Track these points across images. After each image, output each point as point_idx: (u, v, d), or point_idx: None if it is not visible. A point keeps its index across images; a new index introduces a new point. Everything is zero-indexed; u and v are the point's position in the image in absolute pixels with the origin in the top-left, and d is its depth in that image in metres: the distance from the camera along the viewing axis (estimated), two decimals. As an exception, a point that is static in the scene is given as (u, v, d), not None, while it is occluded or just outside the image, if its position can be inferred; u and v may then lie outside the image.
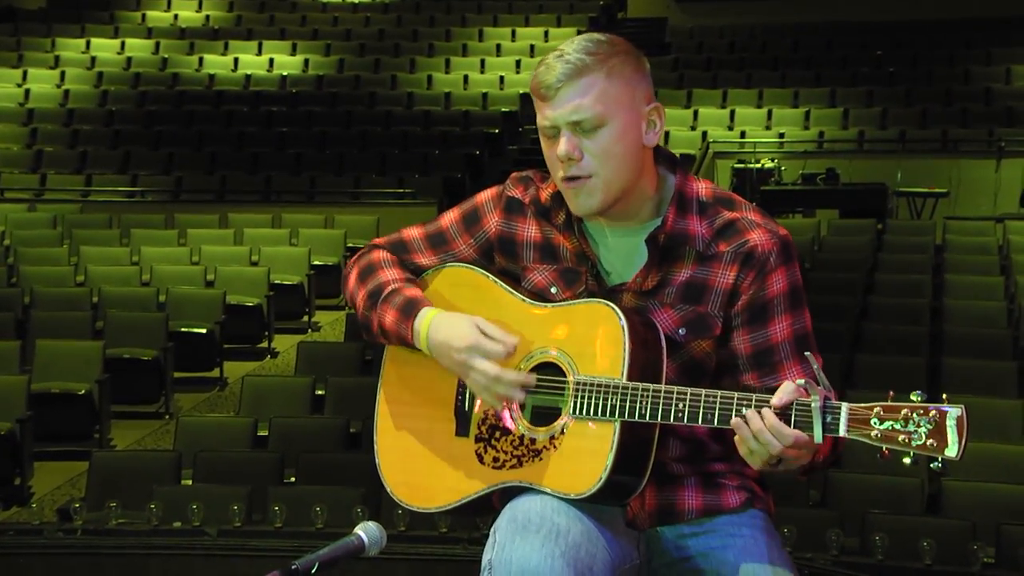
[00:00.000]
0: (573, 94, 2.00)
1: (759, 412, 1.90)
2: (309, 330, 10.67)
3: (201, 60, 16.81)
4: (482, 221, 2.21)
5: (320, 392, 7.50)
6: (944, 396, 1.88)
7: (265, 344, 10.09)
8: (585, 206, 2.05)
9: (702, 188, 2.11)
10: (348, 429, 6.82)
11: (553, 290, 2.14)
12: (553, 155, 2.05)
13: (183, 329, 9.15)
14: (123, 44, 17.26)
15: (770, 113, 14.80)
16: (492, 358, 2.04)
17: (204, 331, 9.22)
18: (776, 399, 1.90)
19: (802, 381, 1.89)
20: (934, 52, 15.83)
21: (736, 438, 1.93)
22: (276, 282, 10.37)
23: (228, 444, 6.72)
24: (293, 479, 6.35)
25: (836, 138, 14.28)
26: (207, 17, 18.29)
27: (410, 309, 2.12)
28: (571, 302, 2.09)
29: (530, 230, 2.17)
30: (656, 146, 2.10)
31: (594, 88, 2.00)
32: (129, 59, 16.78)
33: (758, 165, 13.29)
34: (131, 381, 8.49)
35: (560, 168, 2.04)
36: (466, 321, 2.07)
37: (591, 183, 2.03)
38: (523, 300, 2.13)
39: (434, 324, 2.09)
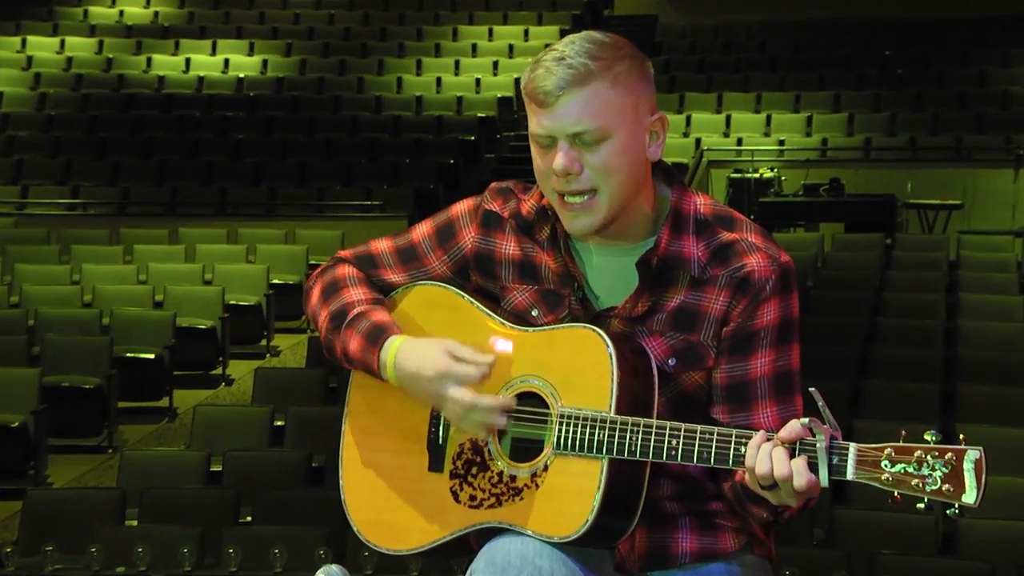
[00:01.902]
0: (575, 104, 1.98)
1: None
2: (267, 355, 10.64)
3: (149, 60, 16.77)
4: (457, 236, 2.19)
5: (279, 423, 7.47)
6: (961, 436, 1.90)
7: (219, 371, 10.05)
8: (583, 226, 2.04)
9: (700, 204, 2.10)
10: (310, 463, 6.79)
11: (534, 312, 2.13)
12: (546, 166, 2.03)
13: (128, 355, 9.11)
14: (63, 43, 17.22)
15: (769, 119, 14.87)
16: (467, 384, 2.03)
17: (152, 357, 9.17)
18: (783, 434, 1.90)
19: (806, 420, 1.90)
20: (946, 52, 15.94)
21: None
22: (231, 303, 10.34)
23: (178, 480, 6.68)
24: (249, 519, 6.32)
25: (840, 145, 14.35)
26: (156, 14, 18.28)
27: (376, 336, 2.10)
28: (554, 326, 2.09)
29: (508, 247, 2.16)
30: None
31: (597, 97, 1.98)
32: (70, 59, 16.74)
33: (756, 175, 13.35)
34: (71, 412, 8.44)
35: (556, 182, 2.02)
36: (436, 347, 2.06)
37: (593, 201, 2.01)
38: (502, 323, 2.13)
39: (401, 353, 2.07)
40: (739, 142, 14.51)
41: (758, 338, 2.04)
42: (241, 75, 16.39)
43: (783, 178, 13.38)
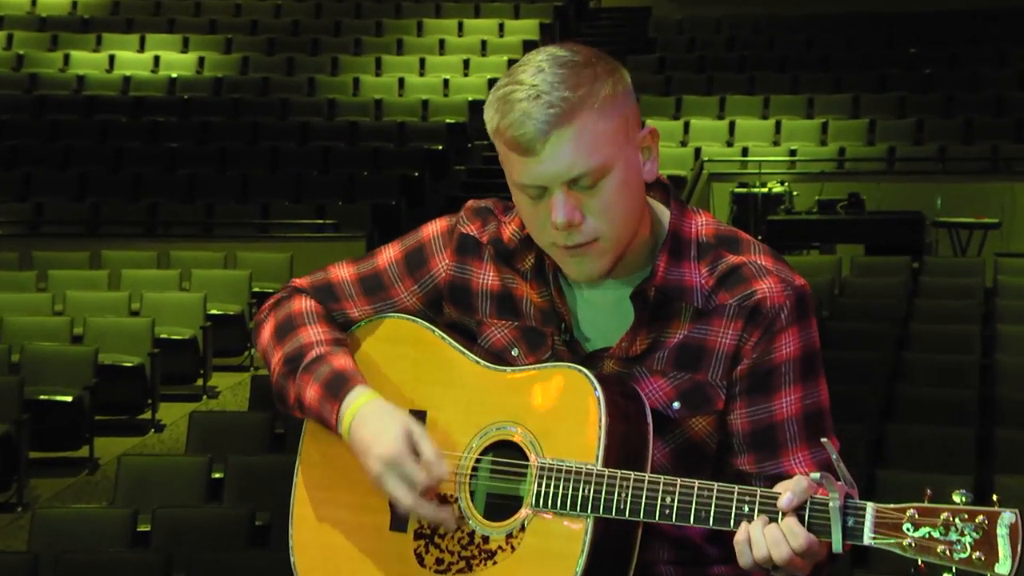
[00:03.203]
0: (565, 146, 1.96)
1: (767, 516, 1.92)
2: (204, 396, 10.61)
3: (67, 58, 16.75)
4: (429, 263, 2.20)
5: (218, 475, 7.44)
6: (995, 497, 1.90)
7: (148, 415, 10.01)
8: (591, 271, 2.05)
9: (702, 225, 2.11)
10: (253, 521, 6.77)
11: (514, 352, 2.14)
12: (538, 216, 2.02)
13: (42, 397, 9.05)
14: (-31, 37, 17.20)
15: (778, 125, 14.96)
16: (410, 484, 2.04)
17: (69, 399, 9.12)
18: (785, 501, 1.90)
19: (817, 475, 1.90)
20: (979, 49, 16.06)
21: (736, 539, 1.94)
22: (162, 336, 10.30)
23: (99, 542, 6.64)
24: (182, 586, 6.29)
25: (860, 156, 14.44)
26: (74, 4, 18.27)
27: (338, 387, 2.11)
28: (536, 367, 2.10)
29: (487, 277, 2.17)
30: None
31: (587, 132, 1.97)
32: (-24, 56, 16.72)
33: (764, 190, 13.41)
34: (-25, 463, 8.38)
35: (556, 235, 2.01)
36: (397, 425, 2.06)
37: (599, 246, 2.02)
38: (477, 362, 2.14)
39: (360, 416, 2.08)
40: (744, 152, 14.58)
41: (779, 374, 2.05)
42: (173, 75, 16.37)
43: (795, 193, 13.44)
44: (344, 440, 2.10)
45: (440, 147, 14.75)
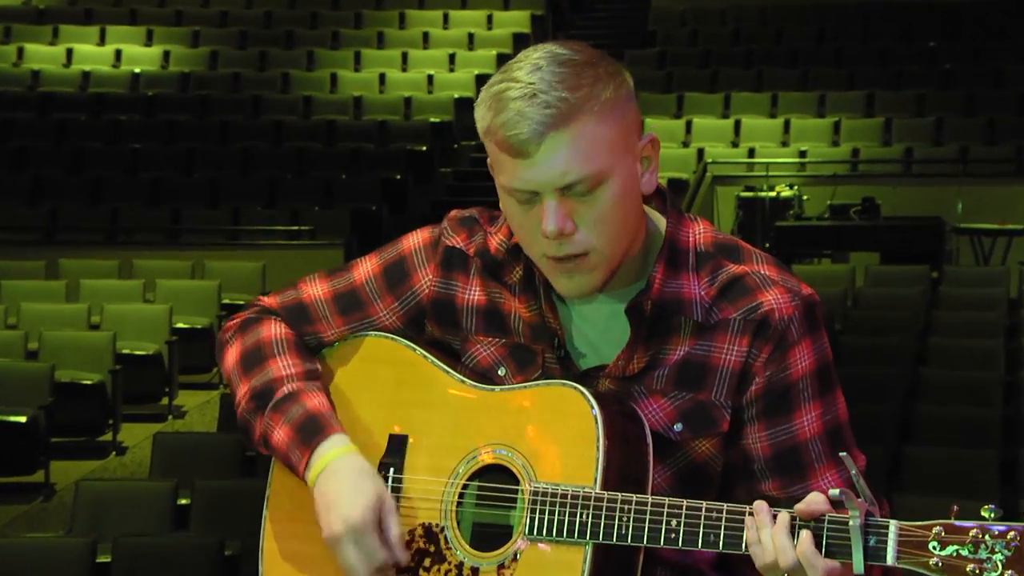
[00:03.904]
0: (561, 150, 1.97)
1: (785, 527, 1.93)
2: (169, 416, 10.60)
3: (21, 51, 16.74)
4: (411, 278, 2.20)
5: (184, 501, 7.44)
6: (1025, 512, 1.91)
7: (108, 436, 10.00)
8: (582, 287, 2.05)
9: (699, 233, 2.12)
10: (222, 551, 6.76)
11: (501, 371, 2.14)
12: (528, 224, 2.03)
13: (-5, 417, 9.05)
14: (-85, 30, 17.20)
15: (787, 124, 14.98)
16: (368, 559, 2.03)
17: (23, 419, 9.10)
18: (803, 508, 1.92)
19: (836, 491, 1.90)
20: (1003, 44, 16.10)
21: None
22: (124, 352, 10.30)
23: (56, 574, 6.63)
24: (146, 622, 6.28)
25: (875, 158, 14.47)
26: (31, -6, 18.29)
27: (311, 433, 2.10)
28: (528, 384, 2.10)
29: (473, 292, 2.17)
30: None
31: (585, 137, 1.97)
32: (-76, 50, 16.71)
33: (772, 194, 13.43)
34: (-77, 489, 8.37)
35: (546, 245, 2.02)
36: (371, 490, 2.05)
37: (589, 260, 2.02)
38: (463, 381, 2.14)
39: (332, 469, 2.07)
40: (751, 153, 14.61)
41: (797, 391, 2.06)
42: (136, 70, 16.36)
43: (805, 197, 13.46)
44: (308, 488, 2.09)
45: (424, 148, 14.75)
